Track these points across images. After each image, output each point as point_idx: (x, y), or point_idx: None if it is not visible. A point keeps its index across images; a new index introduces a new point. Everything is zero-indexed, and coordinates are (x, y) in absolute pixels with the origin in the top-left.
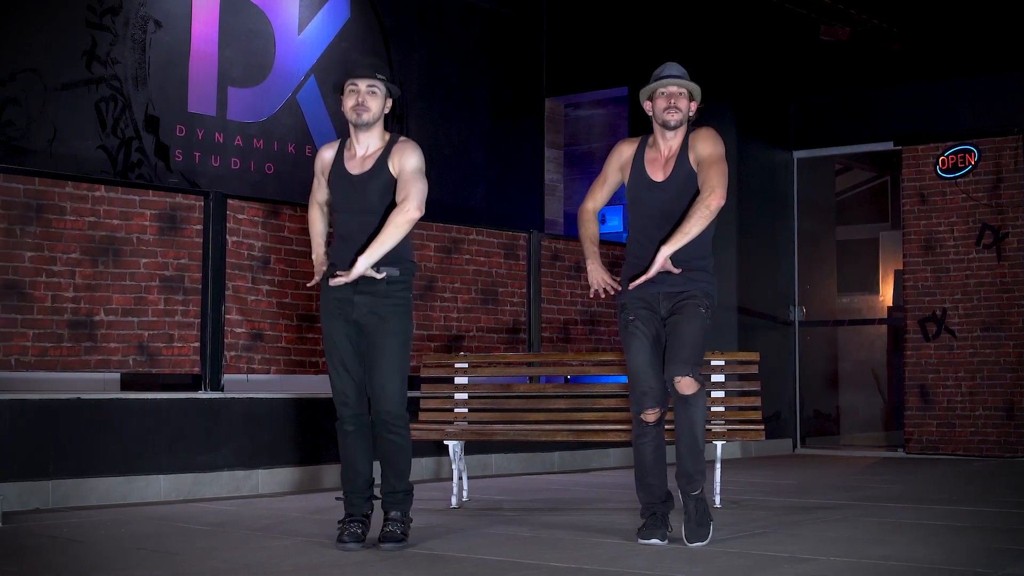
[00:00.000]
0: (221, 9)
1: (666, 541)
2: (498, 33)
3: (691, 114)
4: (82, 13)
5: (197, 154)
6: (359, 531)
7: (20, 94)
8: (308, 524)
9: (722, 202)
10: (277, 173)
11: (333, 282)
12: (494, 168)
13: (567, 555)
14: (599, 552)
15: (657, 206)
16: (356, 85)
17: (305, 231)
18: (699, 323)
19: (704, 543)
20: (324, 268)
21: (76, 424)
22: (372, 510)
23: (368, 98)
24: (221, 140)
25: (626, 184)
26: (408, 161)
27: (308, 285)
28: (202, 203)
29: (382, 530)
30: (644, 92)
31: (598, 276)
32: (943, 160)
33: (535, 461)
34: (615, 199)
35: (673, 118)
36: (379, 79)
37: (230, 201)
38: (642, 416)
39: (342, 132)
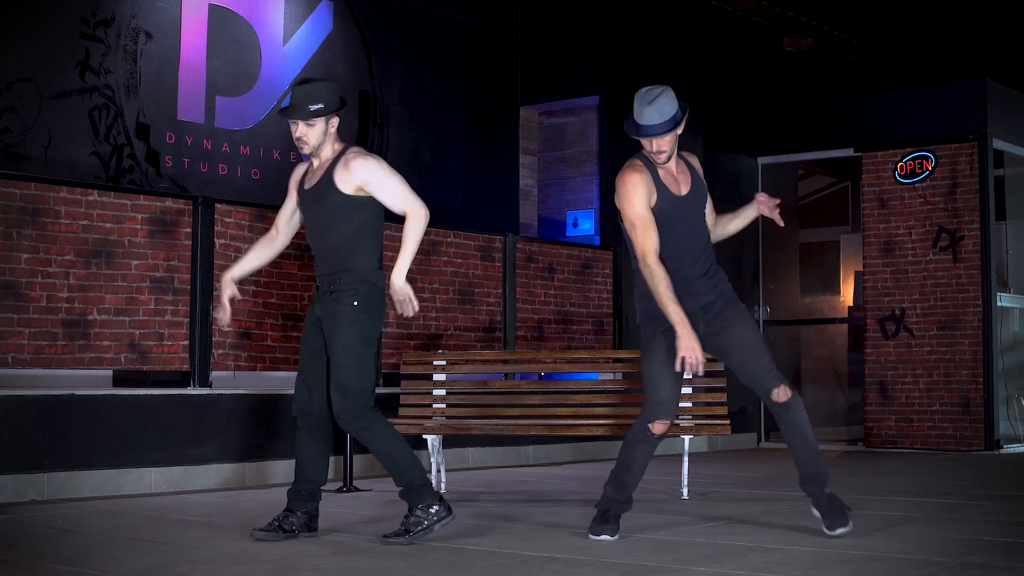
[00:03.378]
0: (209, 21)
1: (616, 536)
2: (475, 44)
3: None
4: (76, 25)
5: (186, 160)
6: (276, 522)
7: (16, 102)
8: None
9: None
10: (263, 178)
11: (405, 313)
12: (471, 174)
13: (541, 544)
14: (572, 542)
15: (689, 221)
16: (295, 122)
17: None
18: (756, 328)
19: (847, 529)
20: (230, 291)
21: (70, 419)
22: (313, 510)
23: (307, 132)
24: (209, 147)
25: (655, 207)
26: (366, 176)
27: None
28: (191, 207)
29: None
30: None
31: (693, 345)
32: (901, 166)
33: (510, 454)
34: (585, 203)
35: (662, 159)
36: (314, 114)
37: (218, 205)
38: (651, 426)
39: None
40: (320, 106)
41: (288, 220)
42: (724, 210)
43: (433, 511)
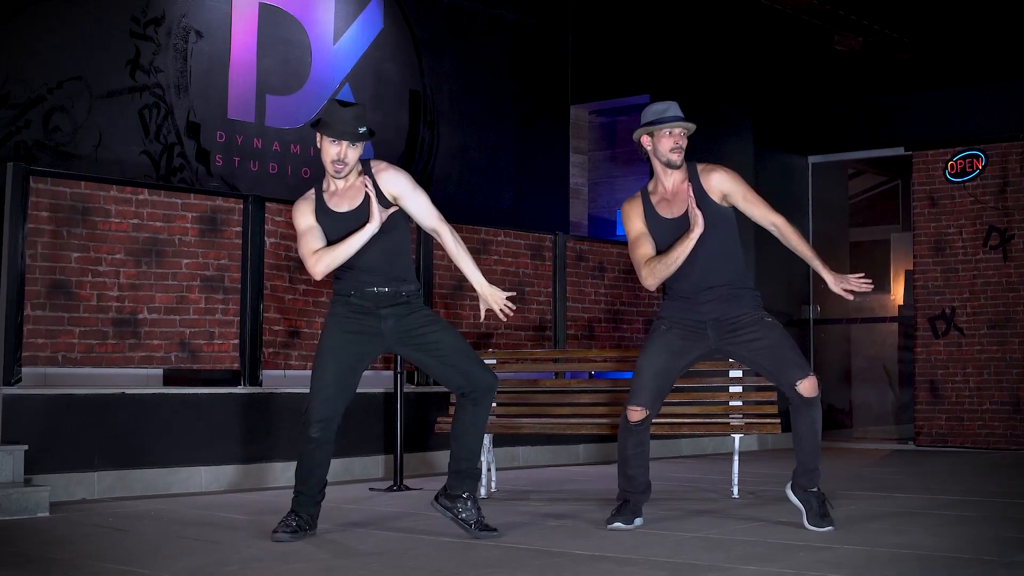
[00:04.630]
0: (260, 20)
1: (631, 525)
2: (524, 43)
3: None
4: (126, 24)
5: (236, 159)
6: (294, 523)
7: (67, 102)
8: (346, 513)
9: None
10: (313, 177)
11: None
12: (521, 172)
13: (591, 543)
14: (622, 540)
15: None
16: (339, 142)
17: None
18: (780, 330)
19: (825, 530)
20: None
21: (120, 418)
22: (317, 513)
23: (349, 153)
24: (259, 146)
25: (650, 231)
26: (402, 188)
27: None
28: (241, 206)
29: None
30: (644, 129)
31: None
32: (952, 165)
33: (561, 453)
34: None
35: (679, 157)
36: (362, 136)
37: (268, 204)
38: (628, 411)
39: (376, 139)
40: (365, 129)
41: (320, 243)
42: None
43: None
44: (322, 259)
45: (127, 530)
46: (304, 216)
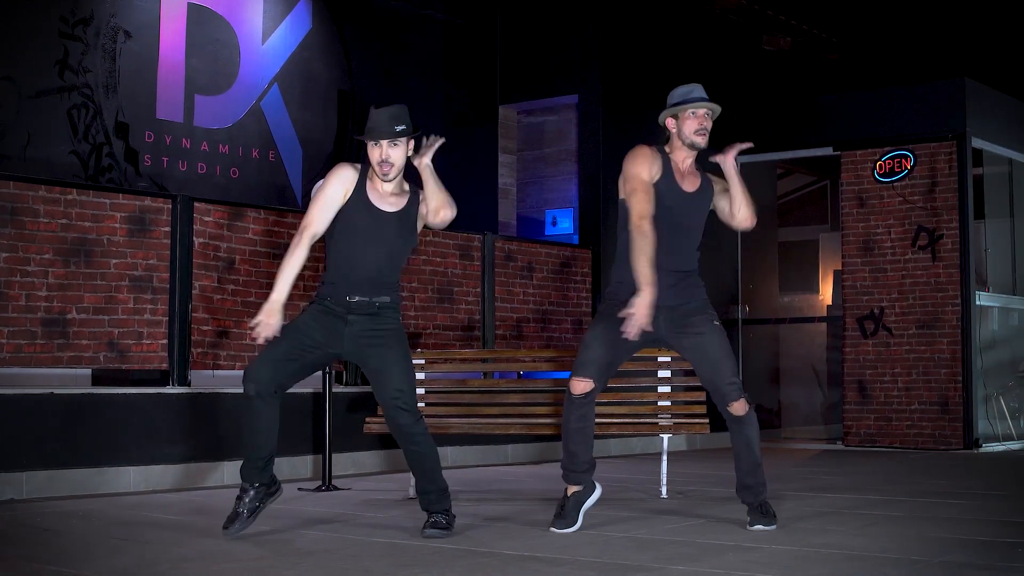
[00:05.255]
0: (188, 20)
1: (573, 529)
2: (454, 43)
3: None
4: (55, 24)
5: (165, 159)
6: (238, 510)
7: None
8: (274, 513)
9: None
10: (242, 177)
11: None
12: (450, 172)
13: (520, 543)
14: (551, 541)
15: (683, 215)
16: (379, 141)
17: (269, 233)
18: (723, 338)
19: (765, 528)
20: (276, 318)
21: (49, 418)
22: (269, 478)
23: (391, 152)
24: (188, 146)
25: (657, 191)
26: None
27: (251, 326)
28: (170, 206)
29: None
30: (669, 111)
31: (644, 311)
32: (880, 165)
33: (489, 453)
34: (564, 202)
35: (703, 140)
36: (399, 134)
37: (197, 204)
38: (573, 382)
39: (304, 139)
40: (404, 127)
41: (327, 223)
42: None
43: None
44: (290, 254)
45: (56, 530)
46: (336, 186)
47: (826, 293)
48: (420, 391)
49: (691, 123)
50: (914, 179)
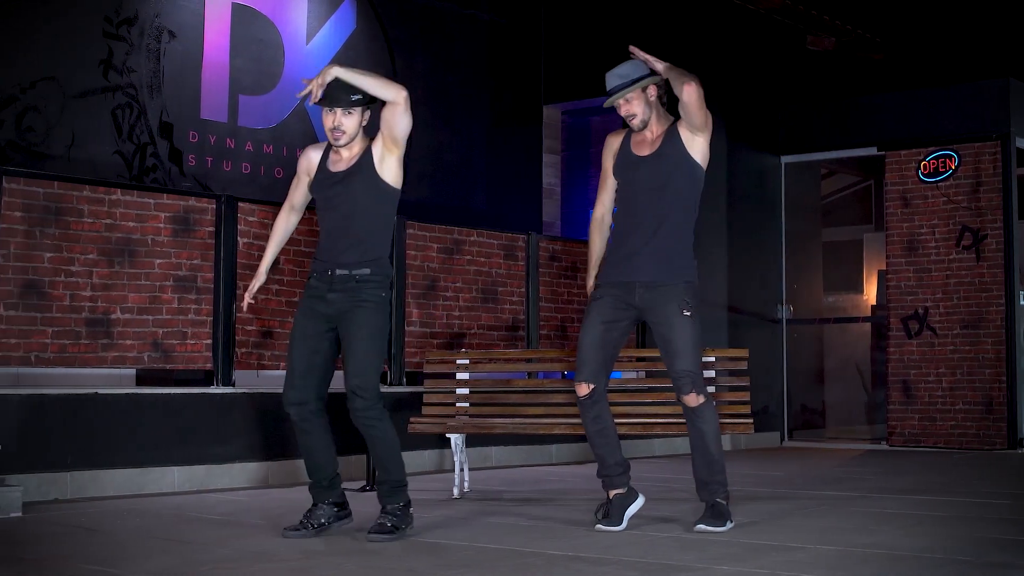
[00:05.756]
0: (233, 20)
1: (616, 528)
2: (498, 43)
3: (654, 99)
4: (99, 24)
5: (209, 159)
6: (303, 519)
7: (40, 102)
8: None
9: (694, 91)
10: (286, 177)
11: (307, 92)
12: (494, 172)
13: (564, 543)
14: (595, 541)
15: (642, 180)
16: (333, 108)
17: (313, 232)
18: (688, 330)
19: (708, 528)
20: (261, 280)
21: (93, 418)
22: (339, 498)
23: (344, 120)
24: (232, 146)
25: (614, 166)
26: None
27: (243, 301)
28: (214, 206)
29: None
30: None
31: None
32: (925, 165)
33: (534, 453)
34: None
35: (636, 122)
36: (355, 103)
37: (241, 204)
38: (575, 387)
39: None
40: (359, 96)
41: (304, 200)
42: (748, 211)
43: (411, 512)
44: (274, 229)
45: (99, 530)
46: (300, 165)
47: (870, 293)
48: (463, 391)
49: (621, 113)
50: (958, 179)
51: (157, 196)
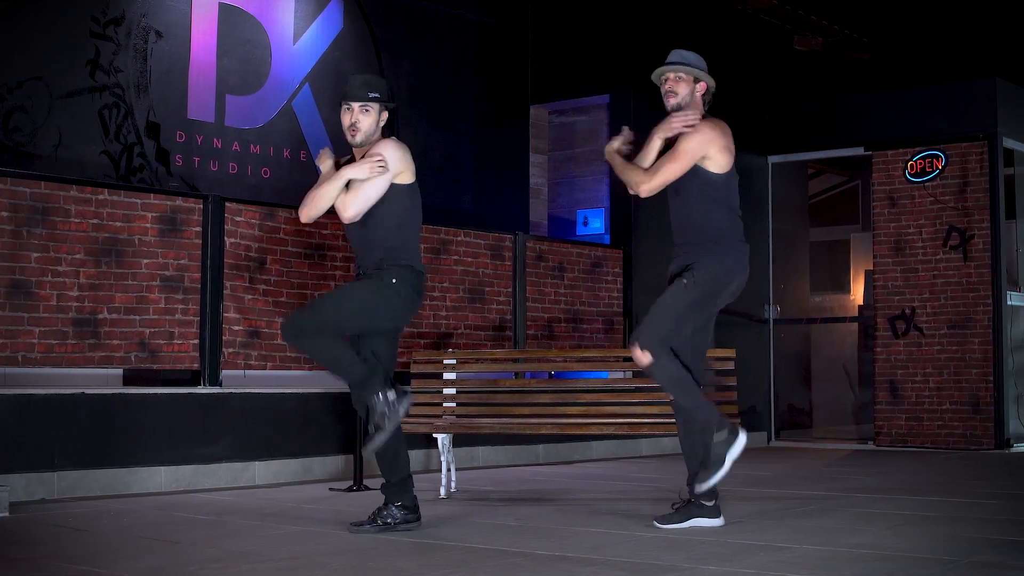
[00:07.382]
0: (219, 20)
1: (718, 521)
2: (485, 43)
3: (699, 95)
4: (86, 24)
5: (196, 159)
6: (372, 517)
7: (26, 101)
8: (303, 514)
9: (640, 192)
10: (273, 177)
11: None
12: (481, 172)
13: (551, 543)
14: (582, 540)
15: (680, 191)
16: (350, 106)
17: (300, 233)
18: (671, 297)
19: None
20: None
21: (80, 418)
22: (410, 502)
23: (361, 117)
24: (219, 146)
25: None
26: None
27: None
28: (201, 206)
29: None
30: (654, 79)
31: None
32: (912, 165)
33: (520, 453)
34: (595, 202)
35: (670, 101)
36: (372, 99)
37: (228, 204)
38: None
39: (336, 138)
40: (377, 94)
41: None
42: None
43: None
44: (304, 204)
45: (87, 530)
46: (323, 163)
47: (857, 293)
48: (450, 391)
49: (663, 87)
50: (945, 179)
51: (144, 196)
